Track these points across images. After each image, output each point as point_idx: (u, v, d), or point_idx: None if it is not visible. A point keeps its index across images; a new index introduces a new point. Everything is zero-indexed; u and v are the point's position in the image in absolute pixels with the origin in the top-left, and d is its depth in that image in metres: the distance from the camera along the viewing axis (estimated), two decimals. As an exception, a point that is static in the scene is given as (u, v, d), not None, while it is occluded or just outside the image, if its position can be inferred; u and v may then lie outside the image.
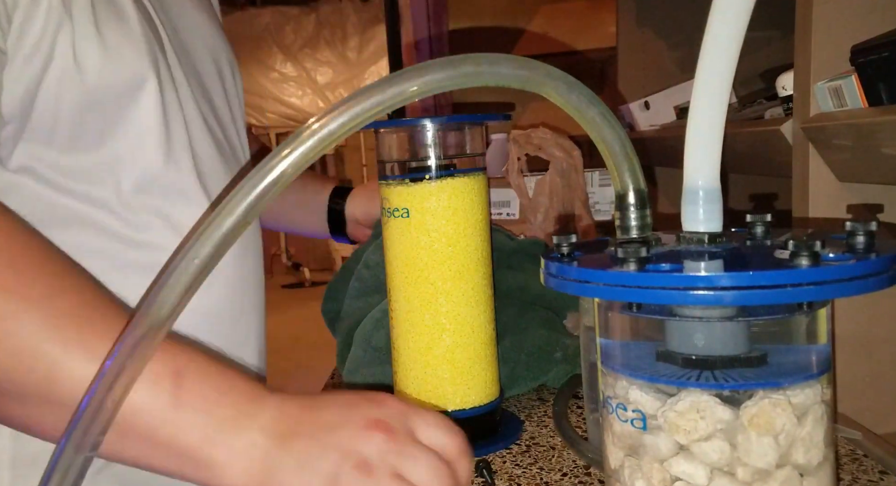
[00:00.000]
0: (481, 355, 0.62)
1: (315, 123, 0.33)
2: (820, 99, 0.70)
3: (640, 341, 0.38)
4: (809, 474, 0.34)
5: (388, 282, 0.63)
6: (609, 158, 0.38)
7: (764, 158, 0.89)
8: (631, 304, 0.34)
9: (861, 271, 0.31)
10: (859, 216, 0.70)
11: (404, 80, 0.33)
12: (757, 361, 0.34)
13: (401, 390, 0.63)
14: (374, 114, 0.33)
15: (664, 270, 0.32)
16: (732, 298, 0.31)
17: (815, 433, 0.34)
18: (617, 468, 0.38)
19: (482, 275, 0.61)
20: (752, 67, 1.15)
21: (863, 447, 0.57)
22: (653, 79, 1.44)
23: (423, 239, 0.59)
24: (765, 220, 0.39)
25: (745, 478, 0.33)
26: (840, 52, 0.67)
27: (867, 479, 0.52)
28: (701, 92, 0.34)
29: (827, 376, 0.36)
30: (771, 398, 0.33)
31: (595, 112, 0.36)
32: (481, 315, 0.61)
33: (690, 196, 0.36)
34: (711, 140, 0.35)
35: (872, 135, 0.63)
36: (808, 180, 0.71)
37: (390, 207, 0.60)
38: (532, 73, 0.35)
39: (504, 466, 0.58)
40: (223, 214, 0.33)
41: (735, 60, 0.34)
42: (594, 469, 0.56)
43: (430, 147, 0.60)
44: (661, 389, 0.35)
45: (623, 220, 0.39)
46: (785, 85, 0.80)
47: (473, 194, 0.60)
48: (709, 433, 0.33)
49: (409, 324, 0.61)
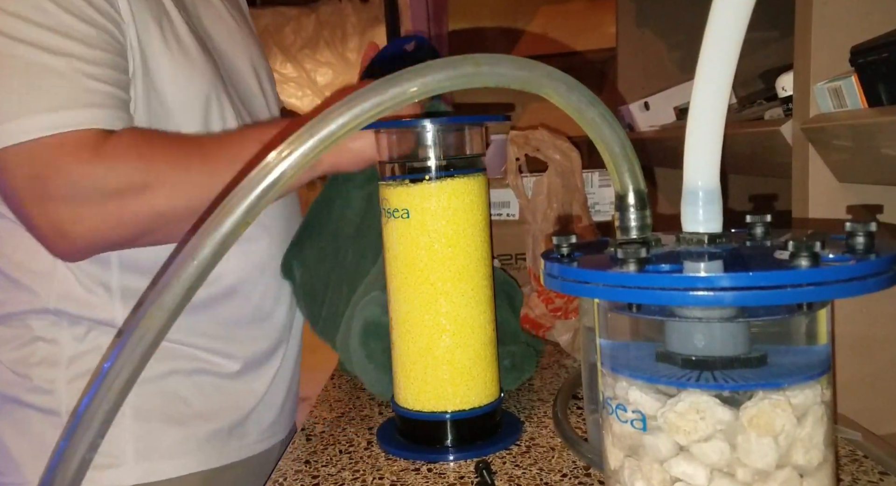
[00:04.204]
0: (481, 355, 0.62)
1: (315, 123, 0.33)
2: (820, 100, 0.70)
3: (639, 341, 0.38)
4: (809, 474, 0.34)
5: (388, 282, 0.63)
6: (609, 159, 0.38)
7: (763, 158, 0.89)
8: (630, 304, 0.34)
9: (861, 272, 0.31)
10: (859, 217, 0.70)
11: (404, 80, 0.33)
12: (757, 361, 0.34)
13: (400, 391, 0.63)
14: (374, 114, 0.33)
15: (664, 270, 0.32)
16: (732, 298, 0.31)
17: (814, 433, 0.34)
18: (617, 469, 0.38)
19: (482, 275, 0.61)
20: (752, 68, 1.15)
21: (863, 448, 0.57)
22: (652, 79, 1.44)
23: (423, 240, 0.59)
24: (764, 220, 0.39)
25: (745, 479, 0.33)
26: (840, 52, 0.67)
27: (867, 480, 0.52)
28: (701, 93, 0.34)
29: (827, 377, 0.36)
30: (771, 399, 0.33)
31: (595, 113, 0.36)
32: (481, 315, 0.61)
33: (690, 197, 0.36)
34: (711, 141, 0.35)
35: (872, 135, 0.63)
36: (807, 181, 0.71)
37: (390, 207, 0.60)
38: (532, 73, 0.35)
39: (504, 466, 0.58)
40: (223, 214, 0.33)
41: (735, 61, 0.34)
42: (594, 470, 0.56)
43: (429, 148, 0.60)
44: (660, 389, 0.35)
45: (623, 220, 0.39)
46: (785, 86, 0.80)
47: (473, 195, 0.60)
48: (709, 433, 0.33)
49: (409, 324, 0.61)
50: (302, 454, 0.63)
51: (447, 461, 0.60)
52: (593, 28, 2.35)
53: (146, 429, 0.73)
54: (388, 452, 0.62)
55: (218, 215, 0.33)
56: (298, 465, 0.61)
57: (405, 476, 0.57)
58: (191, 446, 0.75)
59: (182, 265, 0.33)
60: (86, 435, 0.35)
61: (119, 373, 0.35)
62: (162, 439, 0.74)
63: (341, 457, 0.62)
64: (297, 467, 0.61)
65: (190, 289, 0.34)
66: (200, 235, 0.33)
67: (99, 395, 0.35)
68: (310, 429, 0.69)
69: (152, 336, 0.34)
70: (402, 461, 0.61)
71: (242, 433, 0.80)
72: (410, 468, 0.59)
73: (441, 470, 0.58)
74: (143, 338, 0.34)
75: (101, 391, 0.35)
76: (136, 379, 0.36)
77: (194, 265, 0.33)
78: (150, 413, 0.74)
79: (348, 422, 0.70)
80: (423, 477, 0.57)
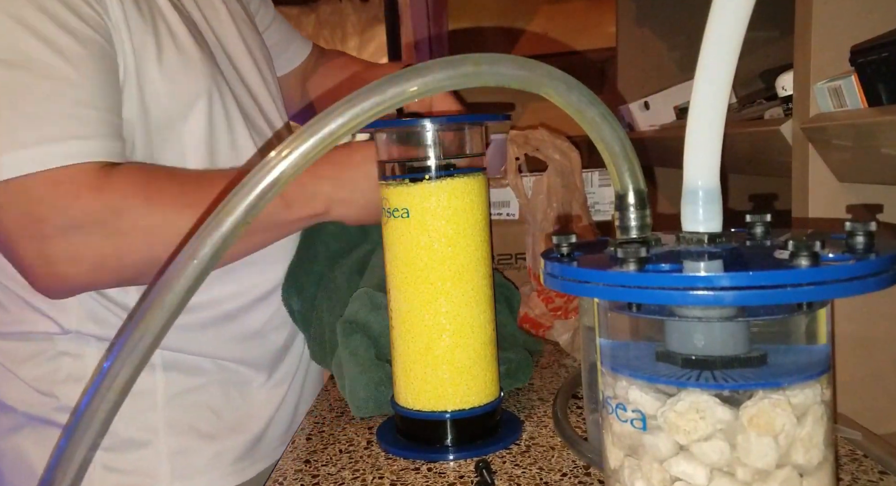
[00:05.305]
0: (481, 355, 0.62)
1: (315, 123, 0.33)
2: (819, 99, 0.70)
3: (639, 341, 0.38)
4: (809, 474, 0.34)
5: (388, 282, 0.63)
6: (609, 159, 0.38)
7: (763, 158, 0.89)
8: (630, 304, 0.34)
9: (861, 272, 0.31)
10: (859, 217, 0.70)
11: (404, 80, 0.33)
12: (757, 361, 0.34)
13: (400, 391, 0.63)
14: (374, 114, 0.33)
15: (664, 270, 0.32)
16: (732, 298, 0.31)
17: (814, 433, 0.34)
18: (616, 469, 0.38)
19: (482, 275, 0.61)
20: (751, 67, 1.15)
21: (863, 447, 0.57)
22: (652, 79, 1.44)
23: (422, 239, 0.59)
24: (764, 220, 0.39)
25: (745, 478, 0.33)
26: (840, 52, 0.67)
27: (867, 479, 0.52)
28: (701, 92, 0.34)
29: (827, 377, 0.36)
30: (771, 399, 0.33)
31: (595, 112, 0.36)
32: (481, 315, 0.61)
33: (690, 196, 0.36)
34: (711, 140, 0.35)
35: (872, 135, 0.63)
36: (807, 180, 0.71)
37: (390, 207, 0.60)
38: (532, 73, 0.35)
39: (504, 466, 0.58)
40: (223, 214, 0.33)
41: (735, 60, 0.34)
42: (594, 469, 0.56)
43: (429, 147, 0.60)
44: (660, 389, 0.35)
45: (623, 220, 0.39)
46: (784, 85, 0.80)
47: (473, 194, 0.60)
48: (708, 433, 0.33)
49: (409, 324, 0.61)
50: (302, 454, 0.63)
51: (447, 461, 0.60)
52: (593, 28, 2.35)
53: (180, 446, 0.73)
54: (387, 451, 0.62)
55: (218, 215, 0.33)
56: (298, 465, 0.61)
57: (405, 476, 0.57)
58: (224, 460, 0.76)
59: (182, 265, 0.33)
60: (86, 435, 0.35)
61: (119, 373, 0.35)
62: (196, 455, 0.74)
63: (341, 457, 0.62)
64: (297, 466, 0.61)
65: (190, 289, 0.34)
66: (200, 236, 0.33)
67: (99, 395, 0.35)
68: (310, 429, 0.69)
69: (152, 336, 0.34)
70: (402, 460, 0.61)
71: (266, 441, 0.81)
72: (410, 467, 0.59)
73: (441, 470, 0.58)
74: (144, 338, 0.34)
75: (101, 391, 0.35)
76: (136, 379, 0.36)
77: (194, 265, 0.33)
78: (183, 429, 0.73)
79: (348, 422, 0.70)
80: (423, 477, 0.57)
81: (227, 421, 0.77)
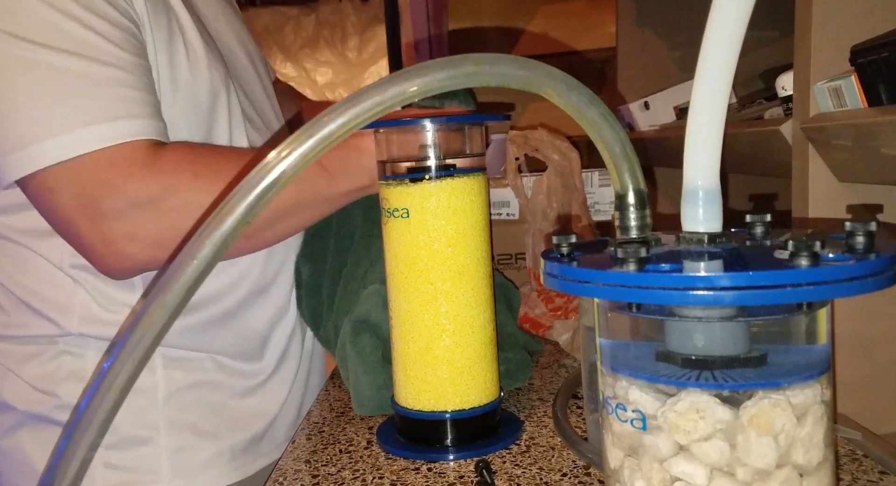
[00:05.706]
0: (481, 355, 0.62)
1: (315, 123, 0.33)
2: (819, 99, 0.70)
3: (639, 341, 0.38)
4: (809, 474, 0.34)
5: (388, 282, 0.63)
6: (609, 159, 0.38)
7: (763, 158, 0.89)
8: (630, 304, 0.34)
9: (860, 272, 0.31)
10: (859, 217, 0.70)
11: (404, 80, 0.33)
12: (757, 361, 0.34)
13: (400, 391, 0.63)
14: (374, 114, 0.33)
15: (664, 270, 0.32)
16: (732, 298, 0.31)
17: (814, 433, 0.34)
18: (617, 469, 0.38)
19: (482, 275, 0.61)
20: (751, 67, 1.15)
21: (863, 448, 0.57)
22: (653, 79, 1.44)
23: (422, 239, 0.59)
24: (764, 220, 0.39)
25: (745, 478, 0.33)
26: (840, 52, 0.67)
27: (867, 479, 0.52)
28: (701, 92, 0.34)
29: (826, 377, 0.36)
30: (771, 398, 0.33)
31: (595, 112, 0.36)
32: (481, 315, 0.61)
33: (690, 196, 0.36)
34: (711, 140, 0.35)
35: (872, 135, 0.63)
36: (807, 180, 0.71)
37: (390, 207, 0.60)
38: (532, 73, 0.35)
39: (504, 466, 0.58)
40: (223, 214, 0.33)
41: (735, 60, 0.34)
42: (594, 470, 0.56)
43: (429, 147, 0.60)
44: (660, 389, 0.35)
45: (623, 220, 0.39)
46: (784, 85, 0.80)
47: (473, 194, 0.60)
48: (708, 433, 0.33)
49: (409, 324, 0.61)
50: (302, 454, 0.63)
51: (447, 461, 0.60)
52: (593, 28, 2.35)
53: (181, 443, 0.73)
54: (387, 451, 0.62)
55: (218, 215, 0.33)
56: (298, 464, 0.61)
57: (405, 476, 0.57)
58: (224, 458, 0.76)
59: (182, 265, 0.33)
60: (86, 435, 0.35)
61: (119, 372, 0.35)
62: (197, 452, 0.74)
63: (341, 456, 0.62)
64: (297, 466, 0.61)
65: (190, 289, 0.34)
66: (200, 235, 0.33)
67: (99, 394, 0.35)
68: (310, 429, 0.69)
69: (153, 335, 0.34)
70: (401, 460, 0.61)
71: (269, 438, 0.81)
72: (410, 467, 0.59)
73: (441, 470, 0.58)
74: (144, 337, 0.34)
75: (102, 391, 0.35)
76: (136, 378, 0.36)
77: (194, 265, 0.33)
78: (184, 427, 0.74)
79: (348, 422, 0.70)
80: (423, 477, 0.57)
81: (227, 419, 0.77)
